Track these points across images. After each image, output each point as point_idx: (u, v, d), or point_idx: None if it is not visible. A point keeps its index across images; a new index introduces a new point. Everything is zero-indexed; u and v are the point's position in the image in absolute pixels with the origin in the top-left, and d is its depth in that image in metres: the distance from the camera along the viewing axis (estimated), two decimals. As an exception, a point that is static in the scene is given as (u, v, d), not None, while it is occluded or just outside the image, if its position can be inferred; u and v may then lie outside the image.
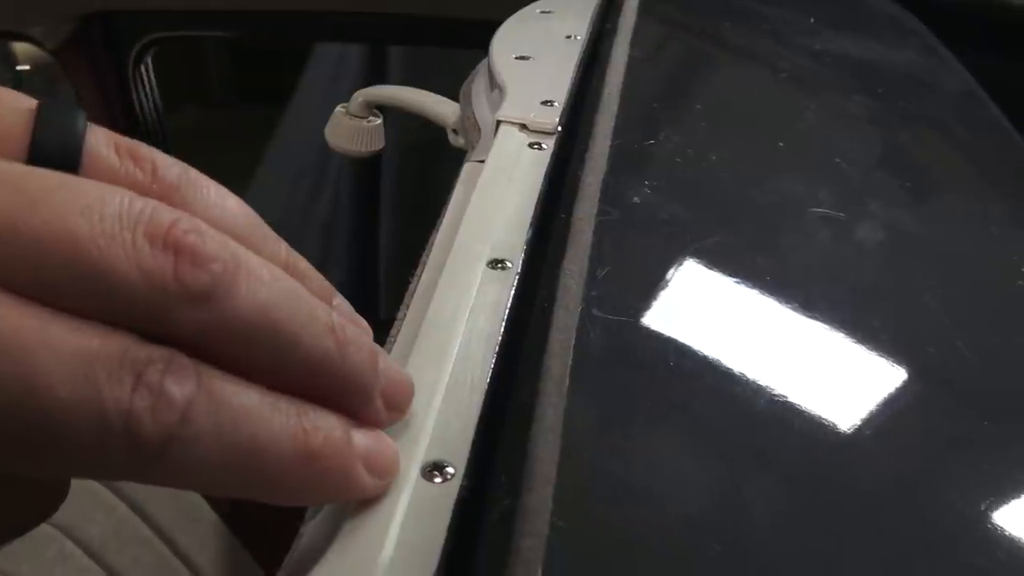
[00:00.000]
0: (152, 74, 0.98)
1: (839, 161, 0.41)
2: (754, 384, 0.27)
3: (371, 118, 0.66)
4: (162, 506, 0.71)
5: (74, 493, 0.22)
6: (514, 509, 0.21)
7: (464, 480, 0.22)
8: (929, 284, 0.34)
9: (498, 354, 0.26)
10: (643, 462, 0.24)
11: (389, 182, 1.24)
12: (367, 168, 1.24)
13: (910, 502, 0.25)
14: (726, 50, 0.55)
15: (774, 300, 0.31)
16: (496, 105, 0.42)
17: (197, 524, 0.73)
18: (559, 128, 0.39)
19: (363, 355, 0.21)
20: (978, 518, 0.24)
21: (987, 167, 0.47)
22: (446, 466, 0.22)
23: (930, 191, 0.42)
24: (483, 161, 0.37)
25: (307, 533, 0.23)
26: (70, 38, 0.91)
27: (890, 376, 0.29)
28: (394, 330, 0.29)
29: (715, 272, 0.32)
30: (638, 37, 0.49)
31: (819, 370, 0.29)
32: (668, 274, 0.31)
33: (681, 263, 0.32)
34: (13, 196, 0.17)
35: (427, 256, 0.33)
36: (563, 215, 0.33)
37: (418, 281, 0.31)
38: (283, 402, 0.19)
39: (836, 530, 0.23)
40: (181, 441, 0.17)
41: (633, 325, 0.28)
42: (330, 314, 0.21)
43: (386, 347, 0.29)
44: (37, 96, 0.19)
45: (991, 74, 0.55)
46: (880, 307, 0.32)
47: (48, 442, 0.17)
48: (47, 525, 0.64)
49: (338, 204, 1.27)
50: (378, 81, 0.90)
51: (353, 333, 0.21)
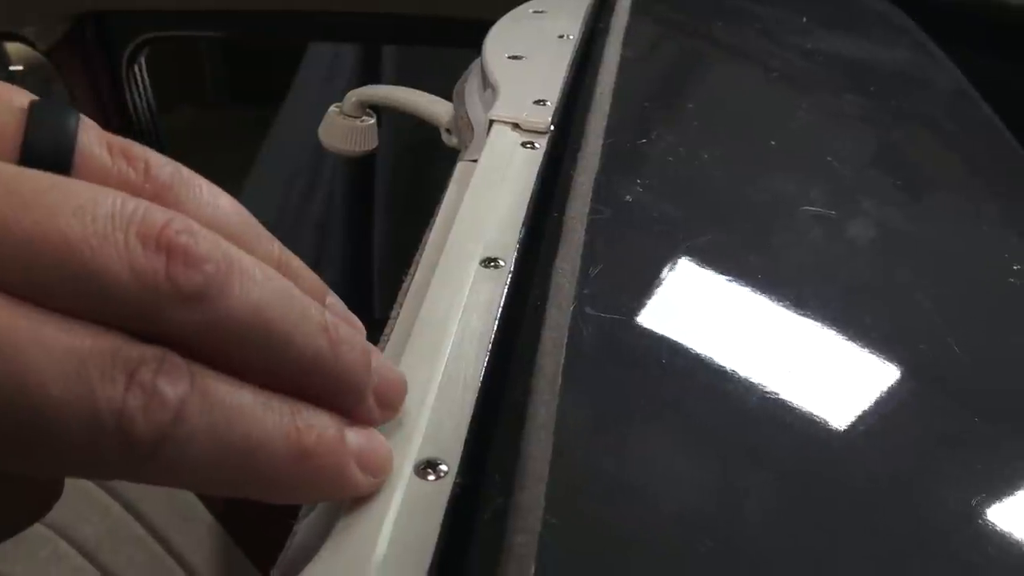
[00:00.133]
0: (145, 74, 0.98)
1: (830, 159, 0.41)
2: (746, 382, 0.27)
3: (364, 118, 0.66)
4: (156, 506, 0.71)
5: (68, 494, 0.22)
6: (507, 507, 0.22)
7: (457, 478, 0.22)
8: (920, 282, 0.34)
9: (491, 352, 0.26)
10: (636, 459, 0.24)
11: (383, 182, 1.24)
12: (361, 168, 1.24)
13: (901, 499, 0.25)
14: (718, 49, 0.55)
15: (766, 298, 0.31)
16: (489, 104, 0.42)
17: (191, 524, 0.73)
18: (552, 127, 0.39)
19: (356, 354, 0.21)
20: (969, 515, 0.24)
21: (978, 165, 0.48)
22: (439, 464, 0.22)
23: (921, 189, 0.42)
24: (476, 160, 0.37)
25: (301, 531, 0.23)
26: (63, 38, 0.91)
27: (881, 373, 0.29)
28: (387, 329, 0.29)
29: (707, 270, 0.32)
30: (630, 37, 0.49)
31: (811, 367, 0.29)
32: (660, 272, 0.31)
33: (673, 261, 0.32)
34: (5, 197, 0.17)
35: (420, 255, 0.33)
36: (556, 214, 0.33)
37: (411, 280, 0.31)
38: (276, 401, 0.20)
39: (828, 527, 0.23)
40: (174, 440, 0.18)
41: (626, 323, 0.28)
42: (323, 313, 0.21)
43: (379, 346, 0.29)
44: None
45: (988, 74, 0.55)
46: (871, 305, 0.32)
47: (40, 440, 0.17)
48: (41, 526, 0.64)
49: (332, 204, 1.27)
50: (372, 81, 0.90)
51: (346, 332, 0.21)
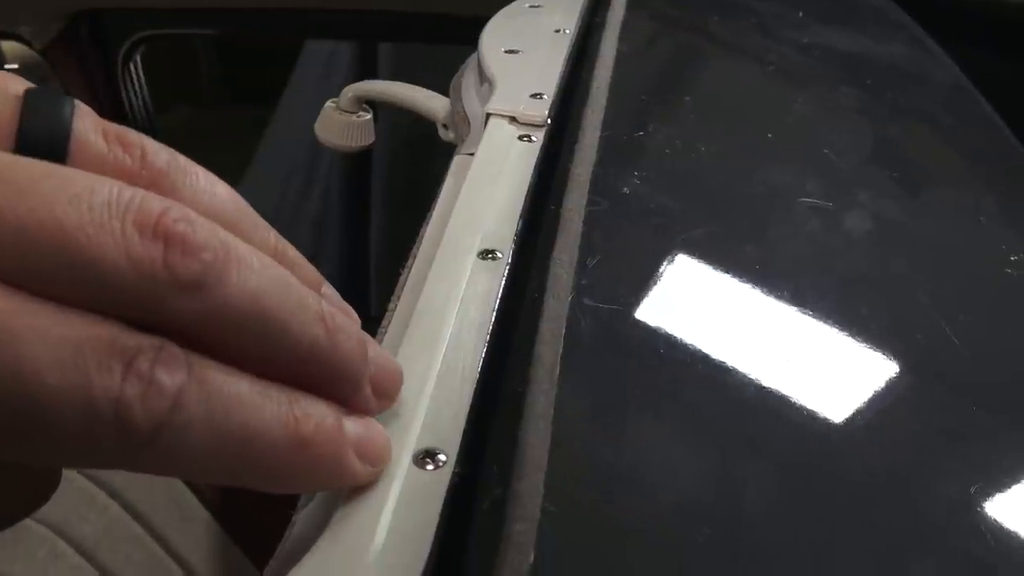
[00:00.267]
0: (141, 72, 0.98)
1: (827, 152, 0.41)
2: (744, 372, 0.27)
3: (360, 113, 0.66)
4: (154, 505, 0.71)
5: (66, 493, 0.22)
6: (505, 496, 0.22)
7: (456, 467, 0.22)
8: (917, 273, 0.34)
9: (489, 343, 0.26)
10: (634, 449, 0.24)
11: (379, 179, 1.24)
12: (357, 165, 1.24)
13: (898, 489, 0.25)
14: (714, 43, 0.55)
15: (764, 289, 0.31)
16: (486, 99, 0.42)
17: (189, 522, 0.73)
18: (548, 121, 0.39)
19: (352, 343, 0.21)
20: (966, 504, 0.24)
21: (975, 158, 0.48)
22: (438, 453, 0.22)
23: (918, 182, 0.42)
24: (473, 154, 0.37)
25: (300, 521, 0.23)
26: (58, 37, 0.91)
27: (879, 364, 0.29)
28: (385, 320, 0.29)
29: (705, 261, 0.32)
30: (627, 31, 0.49)
31: (808, 358, 0.29)
32: (658, 263, 0.31)
33: (671, 252, 0.32)
34: (0, 186, 0.17)
35: (417, 248, 0.33)
36: (553, 206, 0.33)
37: (409, 272, 0.31)
38: (274, 390, 0.19)
39: (825, 516, 0.23)
40: (172, 428, 0.17)
41: (623, 313, 0.28)
42: (320, 302, 0.21)
43: (377, 337, 0.29)
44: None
45: (986, 71, 0.55)
46: (868, 295, 0.32)
47: (36, 429, 0.17)
48: (39, 525, 0.63)
49: (328, 201, 1.27)
50: (368, 78, 0.90)
51: (342, 321, 0.21)
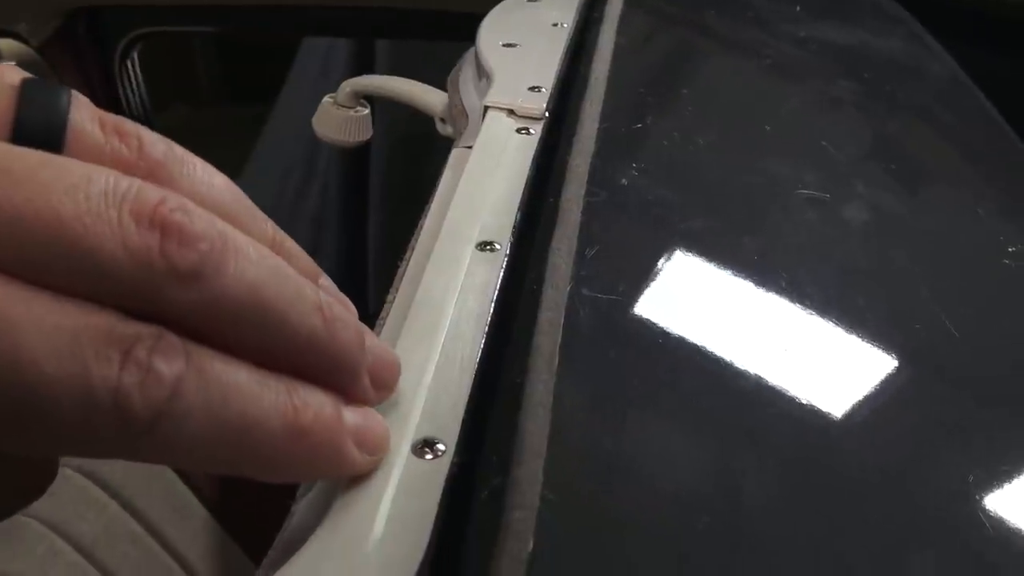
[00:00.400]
0: (138, 70, 0.97)
1: (825, 144, 0.41)
2: (743, 363, 0.27)
3: (359, 108, 0.66)
4: (152, 503, 0.71)
5: (65, 491, 0.22)
6: (504, 485, 0.22)
7: (455, 457, 0.22)
8: (915, 265, 0.34)
9: (488, 333, 0.26)
10: (633, 438, 0.24)
11: (377, 174, 1.24)
12: (355, 161, 1.23)
13: (897, 480, 0.25)
14: (712, 37, 0.55)
15: (762, 280, 0.31)
16: (484, 92, 0.42)
17: (186, 520, 0.73)
18: (547, 113, 0.39)
19: (350, 333, 0.21)
20: (964, 495, 0.24)
21: (972, 151, 0.48)
22: (437, 443, 0.22)
23: (916, 174, 0.42)
24: (471, 147, 0.37)
25: (299, 511, 0.23)
26: (55, 34, 0.90)
27: (877, 355, 0.29)
28: (384, 312, 0.29)
29: (703, 252, 0.32)
30: (624, 24, 0.49)
31: (807, 348, 0.29)
32: (656, 254, 0.31)
33: (669, 243, 0.32)
34: None
35: (416, 240, 0.33)
36: (551, 199, 0.33)
37: (407, 264, 0.31)
38: (273, 379, 0.19)
39: (823, 506, 0.23)
40: (170, 417, 0.17)
41: (622, 304, 0.28)
42: (317, 292, 0.21)
43: (376, 329, 0.29)
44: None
45: (985, 68, 0.55)
46: (866, 287, 0.32)
47: (35, 419, 0.17)
48: (38, 523, 0.63)
49: (326, 197, 1.27)
50: (365, 74, 0.89)
51: (340, 311, 0.21)
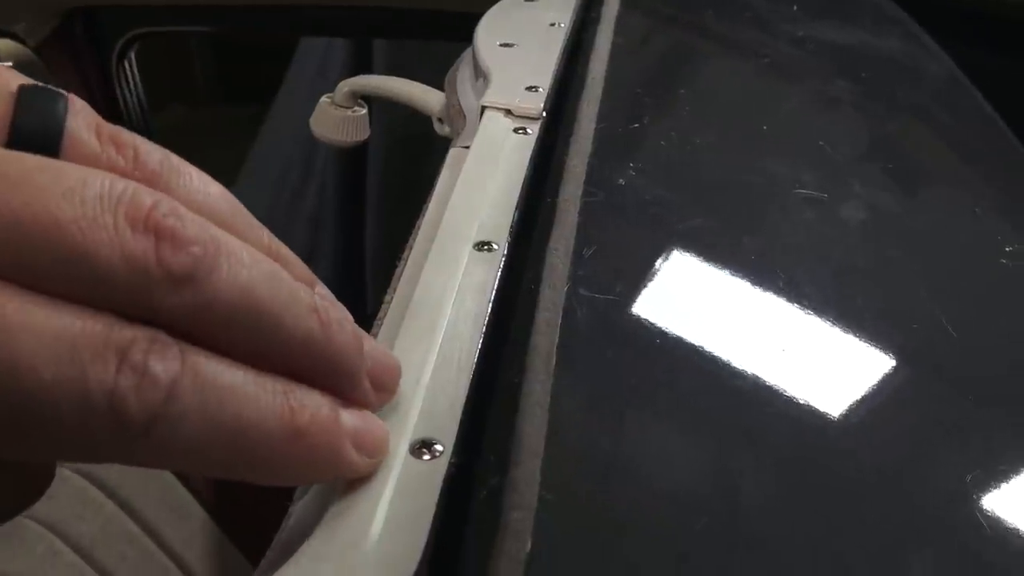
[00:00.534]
0: (136, 70, 0.97)
1: (822, 144, 0.41)
2: (740, 362, 0.27)
3: (356, 108, 0.66)
4: (150, 503, 0.71)
5: (63, 492, 0.21)
6: (502, 485, 0.22)
7: (452, 457, 0.22)
8: (913, 264, 0.34)
9: (485, 333, 0.26)
10: (630, 437, 0.24)
11: (375, 174, 1.24)
12: (353, 161, 1.23)
13: (894, 479, 0.25)
14: (709, 37, 0.55)
15: (759, 279, 0.31)
16: (481, 92, 0.42)
17: (184, 520, 0.73)
18: (544, 113, 0.39)
19: (347, 335, 0.21)
20: (962, 493, 0.24)
21: (970, 151, 0.48)
22: (434, 443, 0.22)
23: (913, 174, 0.42)
24: (468, 147, 0.37)
25: (296, 512, 0.23)
26: (53, 34, 0.90)
27: (874, 354, 0.29)
28: (381, 312, 0.29)
29: (701, 252, 0.32)
30: (622, 24, 0.49)
31: (804, 348, 0.29)
32: (654, 253, 0.31)
33: (667, 243, 0.32)
34: None
35: (413, 240, 0.33)
36: (549, 198, 0.33)
37: (405, 264, 0.31)
38: (269, 381, 0.19)
39: (822, 505, 0.23)
40: (167, 419, 0.17)
41: (620, 304, 0.28)
42: (312, 295, 0.21)
43: (373, 328, 0.29)
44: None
45: (984, 68, 0.55)
46: (864, 286, 0.32)
47: (32, 424, 0.17)
48: (36, 524, 0.63)
49: (324, 198, 1.27)
50: (363, 74, 0.89)
51: (336, 314, 0.21)
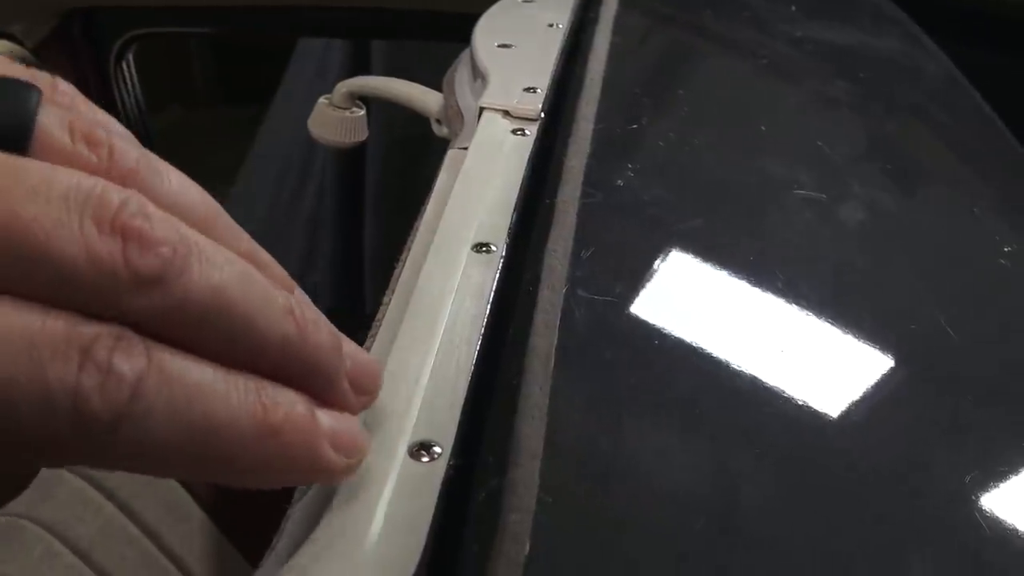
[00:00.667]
0: (134, 71, 0.97)
1: (820, 144, 0.41)
2: (738, 363, 0.27)
3: (354, 109, 0.66)
4: (148, 504, 0.71)
5: (61, 493, 0.21)
6: (501, 487, 0.21)
7: (451, 459, 0.22)
8: (911, 264, 0.34)
9: (484, 335, 0.26)
10: (628, 439, 0.24)
11: (373, 174, 1.24)
12: (351, 162, 1.23)
13: (893, 479, 0.25)
14: (707, 38, 0.55)
15: (757, 280, 0.31)
16: (479, 94, 0.42)
17: (183, 521, 0.73)
18: (542, 114, 0.39)
19: (323, 335, 0.20)
20: (961, 493, 0.24)
21: (968, 151, 0.48)
22: (433, 445, 0.22)
23: (912, 174, 0.42)
24: (467, 148, 0.37)
25: (295, 514, 0.23)
26: (51, 35, 0.90)
27: (873, 355, 0.29)
28: (380, 314, 0.29)
29: (699, 252, 0.32)
30: (620, 25, 0.49)
31: (803, 349, 0.29)
32: (652, 254, 0.31)
33: (665, 244, 0.32)
34: None
35: (412, 241, 0.33)
36: (547, 199, 0.33)
37: (403, 266, 0.31)
38: (240, 379, 0.19)
39: (820, 505, 0.23)
40: (132, 419, 0.17)
41: (618, 305, 0.28)
42: (288, 297, 0.20)
43: (372, 330, 0.28)
44: None
45: (984, 67, 0.55)
46: (862, 287, 0.33)
47: None
48: (35, 525, 0.63)
49: (322, 199, 1.27)
50: (361, 75, 0.89)
51: (312, 314, 0.20)
